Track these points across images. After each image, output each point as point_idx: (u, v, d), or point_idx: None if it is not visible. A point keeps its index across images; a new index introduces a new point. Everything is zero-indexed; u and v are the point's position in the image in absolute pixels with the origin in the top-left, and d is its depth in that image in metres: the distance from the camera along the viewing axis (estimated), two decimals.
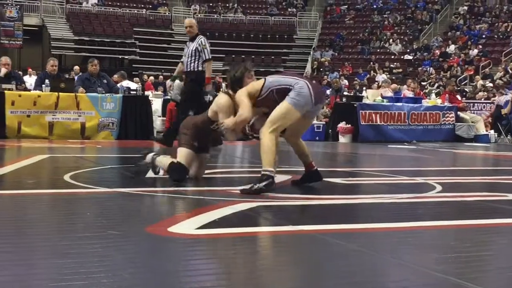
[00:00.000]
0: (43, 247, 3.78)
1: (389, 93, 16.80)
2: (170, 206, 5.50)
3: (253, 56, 36.83)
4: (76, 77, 15.74)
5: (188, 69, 11.11)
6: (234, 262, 3.59)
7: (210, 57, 11.19)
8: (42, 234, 4.21)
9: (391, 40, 36.50)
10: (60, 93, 12.17)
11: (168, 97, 19.01)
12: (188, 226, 4.33)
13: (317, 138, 14.60)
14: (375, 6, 40.00)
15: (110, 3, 37.99)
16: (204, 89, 10.89)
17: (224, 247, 3.96)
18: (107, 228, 4.24)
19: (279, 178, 7.05)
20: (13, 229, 4.26)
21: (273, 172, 6.03)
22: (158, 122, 14.61)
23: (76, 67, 24.04)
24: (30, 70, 22.75)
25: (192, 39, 11.38)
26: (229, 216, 4.77)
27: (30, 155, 8.92)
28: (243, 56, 36.28)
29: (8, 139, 11.64)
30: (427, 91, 24.38)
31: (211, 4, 40.17)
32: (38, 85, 12.75)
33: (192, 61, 11.05)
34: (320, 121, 16.28)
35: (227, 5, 40.26)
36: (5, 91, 11.99)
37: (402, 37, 36.93)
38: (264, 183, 5.89)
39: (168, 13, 38.26)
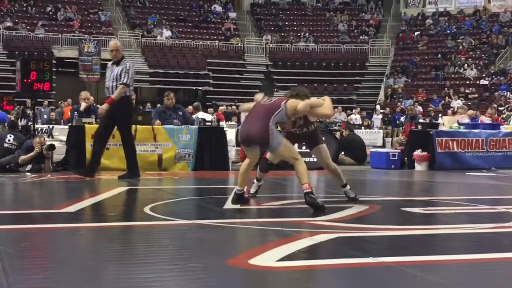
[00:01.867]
0: (126, 280, 3.86)
1: (466, 120, 16.52)
2: (249, 237, 5.53)
3: (325, 85, 36.85)
4: (152, 110, 16.06)
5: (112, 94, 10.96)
6: None
7: (129, 83, 10.79)
8: (124, 267, 4.30)
9: (465, 65, 35.95)
10: (138, 126, 12.42)
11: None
12: (268, 258, 4.36)
13: (392, 166, 14.45)
14: (448, 32, 39.53)
15: (183, 35, 38.68)
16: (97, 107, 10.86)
17: (304, 280, 3.96)
18: (189, 261, 4.31)
19: (356, 208, 7.02)
20: (95, 262, 4.37)
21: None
22: (233, 153, 14.73)
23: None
24: None
25: (117, 63, 10.97)
26: (309, 248, 4.78)
27: (110, 187, 9.13)
28: (315, 85, 36.34)
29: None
30: (504, 116, 23.87)
31: (282, 34, 40.44)
32: None
33: (117, 85, 10.85)
34: (396, 149, 16.12)
35: (299, 34, 40.47)
36: (86, 125, 12.32)
37: (477, 61, 36.34)
38: None
39: (241, 44, 38.72)
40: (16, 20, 35.74)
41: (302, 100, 7.19)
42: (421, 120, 19.83)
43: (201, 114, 15.30)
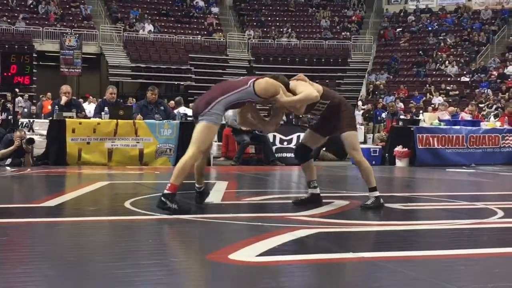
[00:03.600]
0: (107, 275, 3.85)
1: (447, 116, 16.61)
2: (230, 232, 5.53)
3: None
4: (134, 105, 16.00)
5: None
6: None
7: None
8: (104, 261, 4.29)
9: (447, 62, 36.13)
10: (119, 120, 12.39)
11: (224, 122, 19.18)
12: (248, 253, 4.36)
13: (373, 162, 14.49)
14: (430, 28, 39.70)
15: (165, 30, 38.53)
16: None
17: (284, 274, 3.97)
18: (169, 256, 4.30)
19: (337, 204, 7.04)
20: (75, 257, 4.35)
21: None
22: (214, 148, 14.73)
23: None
24: (90, 97, 23.21)
25: None
26: (289, 243, 4.79)
27: (90, 182, 9.09)
28: None
29: (69, 166, 11.87)
30: (485, 113, 24.02)
31: (265, 29, 40.42)
32: (98, 113, 13.01)
33: None
34: (377, 145, 16.19)
35: (281, 29, 40.47)
36: (66, 119, 12.26)
37: (458, 59, 36.52)
38: None
39: (223, 39, 38.66)
40: None
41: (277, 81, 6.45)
42: (402, 117, 19.93)
43: (182, 109, 15.28)
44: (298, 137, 14.30)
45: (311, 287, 3.65)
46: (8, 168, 11.21)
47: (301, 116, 14.55)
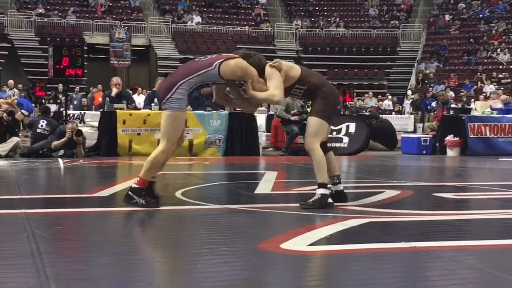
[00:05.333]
0: (161, 263, 3.90)
1: (499, 105, 16.31)
2: (281, 222, 5.53)
3: (355, 70, 36.67)
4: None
5: None
6: (348, 279, 3.58)
7: None
8: (158, 249, 4.34)
9: (498, 49, 35.49)
10: None
11: (272, 113, 19.18)
12: (300, 243, 4.36)
13: (424, 152, 14.34)
14: (481, 15, 39.02)
15: (213, 21, 38.66)
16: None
17: (336, 264, 3.96)
18: (221, 245, 4.32)
19: (388, 193, 6.99)
20: (130, 247, 4.40)
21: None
22: (263, 138, 14.74)
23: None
24: (139, 89, 23.44)
25: None
26: (341, 233, 4.77)
27: None
28: (345, 70, 36.16)
29: (120, 157, 12.01)
30: None
31: (313, 19, 40.22)
32: (147, 104, 13.12)
33: None
34: (427, 134, 16.00)
35: (329, 19, 40.22)
36: (117, 111, 12.40)
37: (510, 46, 35.84)
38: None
39: (271, 29, 38.60)
40: (48, 7, 36.02)
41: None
42: (453, 105, 19.64)
43: None
44: (348, 126, 14.22)
45: (363, 277, 3.63)
46: (60, 159, 11.40)
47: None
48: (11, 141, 11.91)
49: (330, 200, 5.97)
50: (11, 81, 23.93)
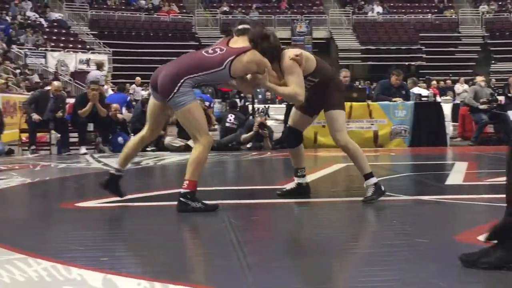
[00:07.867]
0: (353, 254, 3.92)
1: None
2: (475, 214, 5.37)
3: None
4: (366, 88, 15.96)
5: None
6: None
7: None
8: (352, 239, 4.38)
9: None
10: (353, 103, 12.44)
11: (458, 102, 18.61)
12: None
13: None
14: None
15: (395, 10, 38.14)
16: None
17: None
18: (414, 236, 4.27)
19: None
20: (321, 235, 4.46)
21: None
22: (450, 128, 14.34)
23: (138, 78, 24.17)
24: None
25: None
26: None
27: (327, 164, 9.26)
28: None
29: (305, 149, 12.14)
30: None
31: (500, 3, 38.52)
32: None
33: None
34: None
35: None
36: None
37: None
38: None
39: (455, 16, 37.45)
40: (232, 4, 37.19)
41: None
42: None
43: (417, 89, 14.99)
44: None
45: None
46: (249, 152, 11.77)
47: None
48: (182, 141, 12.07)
49: (382, 187, 5.79)
50: (138, 78, 24.21)
